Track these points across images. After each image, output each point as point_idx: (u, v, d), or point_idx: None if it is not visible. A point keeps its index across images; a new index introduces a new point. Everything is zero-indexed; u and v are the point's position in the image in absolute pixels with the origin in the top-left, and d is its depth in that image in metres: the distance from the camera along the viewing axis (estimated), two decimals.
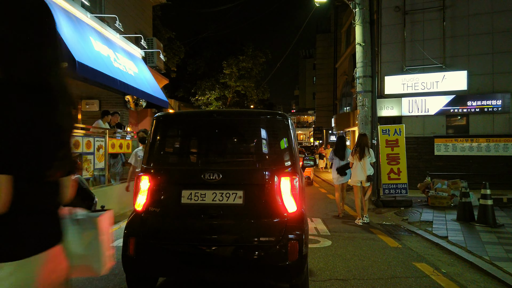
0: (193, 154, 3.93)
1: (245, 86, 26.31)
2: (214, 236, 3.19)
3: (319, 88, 38.17)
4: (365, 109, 9.17)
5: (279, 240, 3.09)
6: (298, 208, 3.29)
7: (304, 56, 66.47)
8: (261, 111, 4.29)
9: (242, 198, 3.22)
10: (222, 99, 26.51)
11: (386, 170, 9.36)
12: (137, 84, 9.25)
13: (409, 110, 13.46)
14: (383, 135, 9.48)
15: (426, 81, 13.19)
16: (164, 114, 3.83)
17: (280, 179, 3.27)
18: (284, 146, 3.52)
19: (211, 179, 3.24)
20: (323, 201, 10.88)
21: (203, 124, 3.73)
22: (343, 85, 26.91)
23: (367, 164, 7.39)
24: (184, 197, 3.26)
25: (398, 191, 9.31)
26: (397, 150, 9.37)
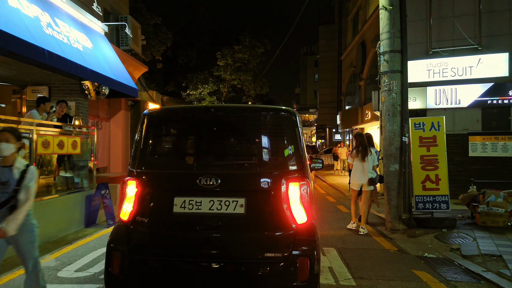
0: (187, 155, 3.48)
1: (242, 80, 23.92)
2: (211, 252, 2.79)
3: (322, 83, 35.78)
4: (392, 96, 6.82)
5: (287, 257, 2.71)
6: (308, 218, 2.87)
7: (306, 53, 65.17)
8: (265, 107, 3.47)
9: (243, 206, 2.84)
10: (216, 94, 24.13)
11: (420, 177, 7.00)
12: (88, 63, 6.87)
13: (435, 102, 11.10)
14: (416, 130, 7.11)
15: (457, 66, 10.82)
16: (155, 110, 3.39)
17: (288, 185, 2.87)
18: (291, 146, 3.08)
19: (208, 184, 2.87)
20: (333, 215, 8.52)
21: (199, 121, 3.31)
22: (349, 78, 24.55)
23: (369, 166, 6.67)
24: (176, 206, 2.89)
25: (436, 205, 6.94)
26: (435, 151, 7.00)
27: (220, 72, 23.13)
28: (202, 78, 22.87)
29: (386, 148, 6.93)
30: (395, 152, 6.84)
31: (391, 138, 6.87)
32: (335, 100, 30.22)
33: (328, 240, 6.24)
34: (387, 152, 6.91)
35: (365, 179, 6.70)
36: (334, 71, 31.43)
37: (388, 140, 6.90)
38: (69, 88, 8.69)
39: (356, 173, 6.83)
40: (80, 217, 7.04)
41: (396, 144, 6.84)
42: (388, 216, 6.92)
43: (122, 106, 12.41)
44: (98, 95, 9.00)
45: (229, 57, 22.59)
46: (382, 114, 7.13)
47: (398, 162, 6.82)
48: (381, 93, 7.12)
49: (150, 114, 3.30)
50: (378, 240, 6.27)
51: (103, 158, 11.82)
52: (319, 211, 9.22)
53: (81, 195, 7.13)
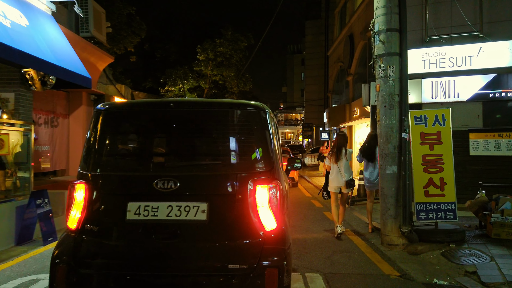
0: (143, 156, 3.08)
1: (224, 76, 22.63)
2: (169, 264, 2.57)
3: (309, 80, 34.69)
4: (389, 83, 5.65)
5: (253, 268, 2.51)
6: (278, 224, 2.67)
7: (292, 51, 64.63)
8: (231, 101, 3.14)
9: (205, 212, 2.63)
10: (197, 90, 22.80)
11: (422, 181, 5.85)
12: (16, 42, 5.53)
13: (432, 95, 10.03)
14: (417, 125, 5.96)
15: (455, 56, 9.75)
16: (108, 104, 3.04)
17: (255, 188, 2.67)
18: (260, 145, 2.83)
19: (166, 188, 2.63)
20: (319, 225, 7.33)
21: (157, 118, 3.00)
22: (336, 74, 23.48)
23: (345, 168, 6.29)
24: (130, 212, 2.64)
25: (441, 215, 5.80)
26: (440, 149, 5.86)
27: (200, 67, 21.79)
28: (182, 73, 21.50)
29: (382, 146, 5.77)
30: (393, 151, 5.67)
31: (388, 134, 5.70)
32: (322, 97, 29.15)
33: (312, 261, 5.03)
34: (384, 151, 5.74)
35: (342, 182, 6.28)
36: (321, 67, 30.36)
37: (385, 137, 5.73)
38: (7, 77, 7.31)
39: (332, 175, 6.40)
40: (8, 232, 5.71)
41: (394, 142, 5.67)
42: (384, 228, 5.76)
43: (83, 100, 11.03)
44: (45, 86, 7.63)
45: (210, 51, 21.27)
46: (377, 105, 5.96)
47: (397, 163, 5.65)
48: (376, 80, 5.94)
49: (102, 109, 2.99)
50: (374, 260, 5.09)
51: (60, 160, 10.44)
52: (303, 219, 8.02)
53: (10, 205, 5.79)
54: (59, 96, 10.25)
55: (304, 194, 12.45)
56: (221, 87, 24.49)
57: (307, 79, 35.95)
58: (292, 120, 70.23)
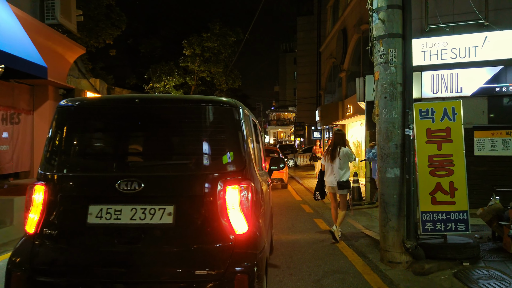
0: (106, 155, 2.91)
1: (212, 73, 21.60)
2: (132, 270, 2.44)
3: (300, 78, 33.80)
4: (390, 70, 4.74)
5: (222, 274, 2.39)
6: (250, 228, 2.55)
7: (285, 50, 63.92)
8: (201, 97, 2.95)
9: (172, 215, 2.48)
10: (184, 88, 21.75)
11: (429, 186, 4.95)
12: None
13: (432, 90, 9.17)
14: (422, 120, 5.05)
15: (458, 46, 8.89)
16: (71, 101, 2.91)
17: (225, 189, 2.54)
18: (232, 144, 2.70)
19: (129, 189, 2.50)
20: (309, 236, 6.39)
21: (122, 114, 2.85)
22: (329, 71, 22.62)
23: (340, 167, 5.94)
24: (91, 215, 2.52)
25: (451, 226, 4.91)
26: (449, 149, 4.96)
27: (187, 63, 20.73)
28: (167, 69, 20.42)
29: (382, 145, 4.85)
30: (395, 151, 4.76)
31: (389, 131, 4.79)
32: (315, 96, 28.30)
33: (298, 286, 4.09)
34: (384, 151, 4.83)
35: (334, 182, 5.98)
36: (313, 65, 29.52)
37: (385, 134, 4.82)
38: None
39: (327, 175, 6.15)
40: None
41: (396, 140, 4.76)
42: (384, 242, 4.84)
43: (50, 95, 9.97)
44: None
45: (197, 46, 20.22)
46: (375, 96, 5.04)
47: (399, 165, 4.74)
48: (375, 67, 5.02)
49: (63, 106, 2.87)
50: (372, 283, 4.17)
51: (22, 160, 9.37)
52: (290, 228, 7.08)
53: None
54: (21, 89, 9.19)
55: (294, 197, 11.53)
56: (209, 84, 23.46)
57: (299, 77, 35.07)
58: (285, 119, 69.50)
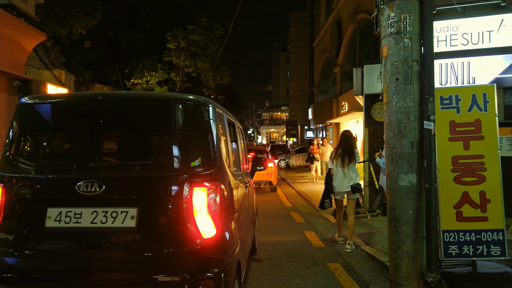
0: (66, 156, 2.77)
1: (199, 68, 20.31)
2: (93, 276, 2.36)
3: (293, 75, 32.62)
4: (404, 44, 3.55)
5: (187, 280, 2.30)
6: (218, 231, 2.46)
7: (278, 49, 63.06)
8: (168, 95, 2.86)
9: (135, 218, 2.38)
10: (168, 84, 20.43)
11: (453, 197, 3.76)
12: None
13: (440, 81, 8.01)
14: (444, 110, 3.87)
15: (470, 31, 7.75)
16: (31, 98, 2.81)
17: (192, 191, 2.43)
18: (201, 144, 2.58)
19: (90, 191, 2.41)
20: (297, 256, 5.18)
21: (84, 113, 2.73)
22: (322, 67, 21.49)
23: (352, 171, 5.52)
24: (50, 219, 2.41)
25: (482, 249, 3.73)
26: (480, 148, 3.78)
27: (171, 57, 19.40)
28: (150, 64, 19.08)
29: (393, 143, 3.64)
30: (410, 150, 3.55)
31: (402, 124, 3.58)
32: (308, 93, 27.14)
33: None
34: (395, 151, 3.62)
35: (348, 186, 5.53)
36: (306, 62, 28.37)
37: (396, 129, 3.61)
38: None
39: (337, 179, 5.60)
40: None
41: (412, 136, 3.56)
42: (395, 272, 3.62)
43: (1, 87, 8.67)
44: None
45: (182, 39, 18.91)
46: (383, 79, 3.83)
47: (416, 170, 3.54)
48: (382, 40, 3.81)
49: (23, 103, 2.79)
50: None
51: None
52: (275, 245, 5.85)
53: None
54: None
55: (283, 203, 10.31)
56: (195, 81, 22.16)
57: (291, 74, 33.90)
58: (278, 119, 68.51)
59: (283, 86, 56.95)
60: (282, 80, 57.10)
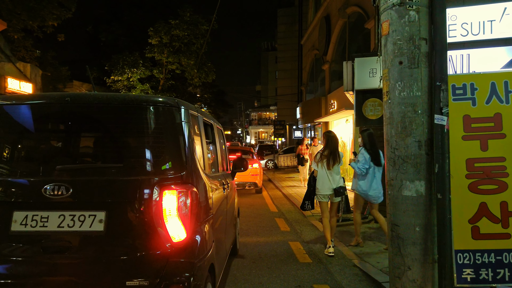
0: (32, 158, 2.73)
1: (183, 65, 19.45)
2: (59, 280, 2.32)
3: (281, 74, 31.91)
4: (409, 17, 2.85)
5: (155, 285, 2.29)
6: (188, 235, 2.44)
7: (266, 48, 62.48)
8: (138, 97, 2.78)
9: (103, 222, 2.36)
10: (151, 81, 19.51)
11: (468, 209, 3.06)
12: None
13: None
14: (457, 102, 3.16)
15: (470, 21, 7.12)
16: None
17: (161, 194, 2.41)
18: (171, 146, 2.56)
19: (56, 194, 2.38)
20: (281, 271, 4.43)
21: (51, 114, 2.71)
22: (310, 65, 20.83)
23: (336, 173, 5.34)
24: (16, 222, 2.38)
25: (503, 273, 3.03)
26: (500, 149, 3.09)
27: (153, 53, 18.53)
28: (131, 60, 18.17)
29: (395, 142, 2.92)
30: (417, 152, 2.83)
31: (407, 118, 2.86)
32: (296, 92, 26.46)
33: None
34: (397, 152, 2.90)
35: (331, 189, 5.31)
36: (295, 60, 27.69)
37: (400, 125, 2.89)
38: None
39: (321, 182, 5.37)
40: None
41: (419, 134, 2.84)
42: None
43: None
44: None
45: (164, 35, 18.05)
46: (383, 62, 3.10)
47: (424, 177, 2.82)
48: (382, 15, 3.07)
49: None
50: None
51: None
52: (257, 261, 5.10)
53: None
54: None
55: (268, 207, 9.56)
56: (179, 78, 21.29)
57: (279, 72, 33.19)
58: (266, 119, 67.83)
59: (272, 86, 56.30)
60: (271, 80, 56.43)
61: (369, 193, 5.37)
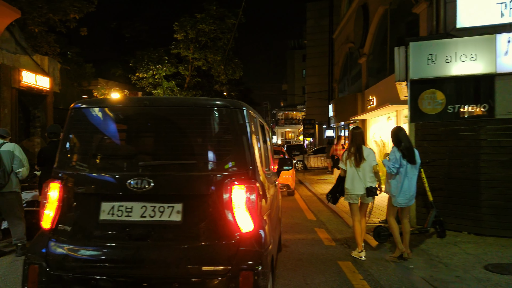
0: (117, 155, 2.98)
1: (210, 61, 18.67)
2: (142, 266, 2.54)
3: (310, 71, 30.72)
4: None
5: (228, 270, 2.48)
6: (255, 226, 2.64)
7: (293, 47, 61.27)
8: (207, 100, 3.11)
9: (180, 213, 2.60)
10: (177, 78, 18.84)
11: None
12: None
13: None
14: None
15: None
16: (84, 102, 3.08)
17: (231, 189, 2.63)
18: (239, 145, 2.79)
19: (139, 188, 2.62)
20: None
21: (132, 116, 3.00)
22: (344, 59, 19.60)
23: (367, 171, 5.05)
24: (104, 212, 2.65)
25: None
26: None
27: (179, 49, 17.83)
28: (156, 57, 17.53)
29: None
30: None
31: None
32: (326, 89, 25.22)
33: None
34: None
35: (363, 189, 5.02)
36: (324, 56, 26.46)
37: None
38: None
39: (351, 181, 5.09)
40: None
41: None
42: None
43: None
44: None
45: (190, 29, 17.31)
46: None
47: None
48: None
49: (76, 107, 2.99)
50: None
51: None
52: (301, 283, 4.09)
53: None
54: None
55: (303, 213, 8.53)
56: (206, 75, 20.51)
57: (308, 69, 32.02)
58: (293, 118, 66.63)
59: (298, 85, 55.16)
60: (298, 79, 55.30)
61: (398, 195, 4.91)
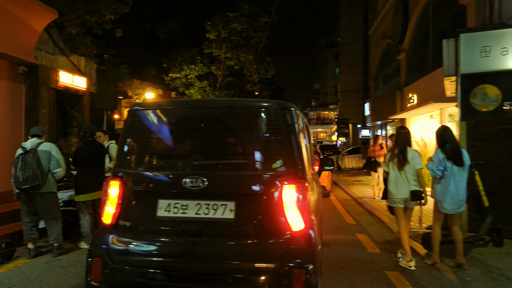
0: (173, 155, 3.13)
1: (242, 61, 18.50)
2: (197, 260, 2.65)
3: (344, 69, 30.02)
4: None
5: (280, 268, 2.53)
6: (306, 225, 2.68)
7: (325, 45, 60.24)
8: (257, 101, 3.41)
9: (233, 211, 2.69)
10: (209, 78, 18.81)
11: None
12: None
13: None
14: None
15: None
16: (140, 105, 3.26)
17: (282, 188, 2.69)
18: (288, 145, 2.84)
19: (194, 186, 2.72)
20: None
21: (186, 117, 3.13)
22: (381, 56, 18.90)
23: (411, 174, 4.78)
24: (161, 209, 2.78)
25: None
26: None
27: (211, 48, 17.76)
28: (189, 57, 17.56)
29: None
30: None
31: None
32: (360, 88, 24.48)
33: None
34: None
35: (408, 192, 4.74)
36: (359, 53, 25.74)
37: None
38: None
39: (394, 184, 4.84)
40: None
41: None
42: None
43: (4, 73, 7.25)
44: None
45: (222, 29, 17.20)
46: None
47: None
48: None
49: (136, 110, 3.15)
50: None
51: None
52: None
53: None
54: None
55: (343, 217, 8.12)
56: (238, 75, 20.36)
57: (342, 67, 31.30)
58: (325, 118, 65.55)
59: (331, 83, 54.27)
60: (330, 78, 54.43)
61: (444, 200, 4.55)
